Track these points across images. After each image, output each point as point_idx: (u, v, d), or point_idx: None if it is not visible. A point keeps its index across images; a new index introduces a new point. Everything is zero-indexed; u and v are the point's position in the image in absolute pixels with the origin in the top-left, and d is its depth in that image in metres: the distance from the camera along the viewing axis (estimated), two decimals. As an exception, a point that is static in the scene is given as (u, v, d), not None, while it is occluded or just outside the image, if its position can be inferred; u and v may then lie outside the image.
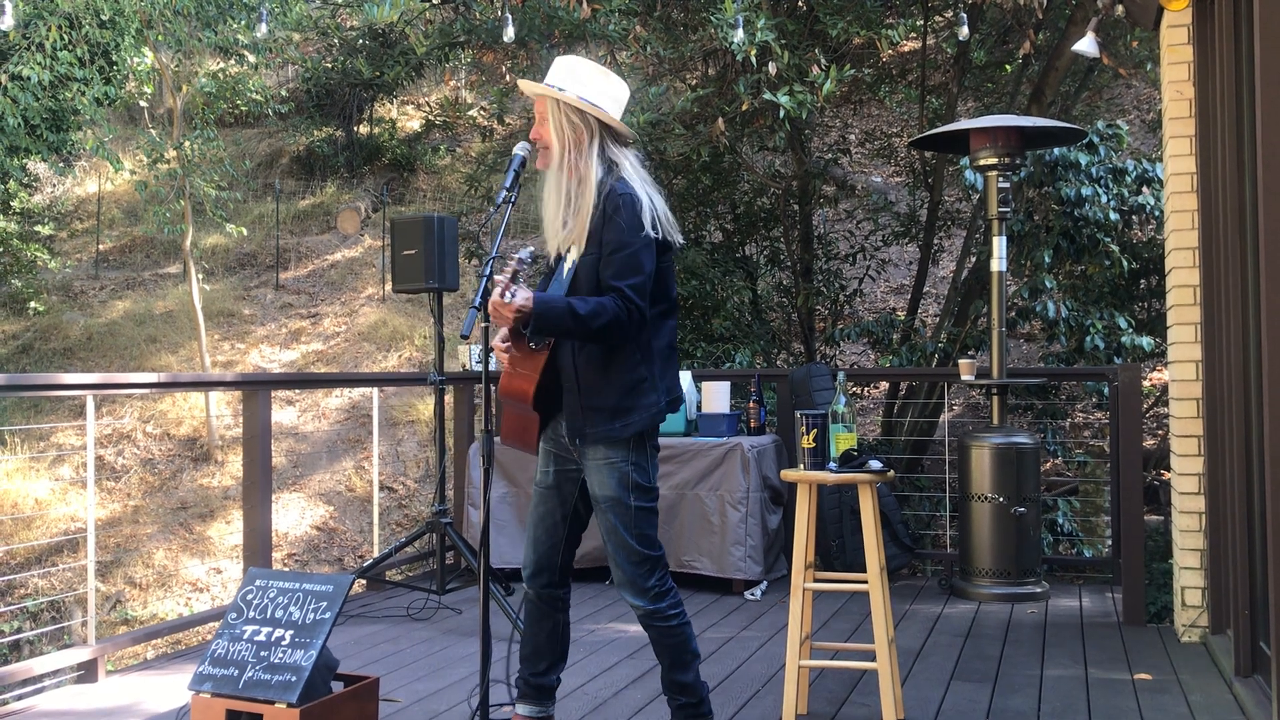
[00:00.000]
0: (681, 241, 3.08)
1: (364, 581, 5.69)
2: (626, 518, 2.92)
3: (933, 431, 8.97)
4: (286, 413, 12.46)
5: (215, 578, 10.59)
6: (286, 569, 10.53)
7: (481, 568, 2.80)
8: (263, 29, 7.03)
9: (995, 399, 5.45)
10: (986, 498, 5.27)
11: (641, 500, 2.93)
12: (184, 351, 13.57)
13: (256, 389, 4.88)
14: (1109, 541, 6.25)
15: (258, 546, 4.79)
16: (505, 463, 5.85)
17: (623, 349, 2.91)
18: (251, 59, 12.94)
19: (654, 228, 2.91)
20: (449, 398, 7.43)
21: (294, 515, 11.17)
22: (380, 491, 11.16)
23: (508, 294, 2.74)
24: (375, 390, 6.85)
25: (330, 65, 14.34)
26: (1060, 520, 7.48)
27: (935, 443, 8.96)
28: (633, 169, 3.01)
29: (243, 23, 11.48)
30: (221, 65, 13.56)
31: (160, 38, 11.45)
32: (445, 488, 5.37)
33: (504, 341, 2.97)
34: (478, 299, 2.78)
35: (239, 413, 12.00)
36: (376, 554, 5.71)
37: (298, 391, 12.71)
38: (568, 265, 2.94)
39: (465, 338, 2.79)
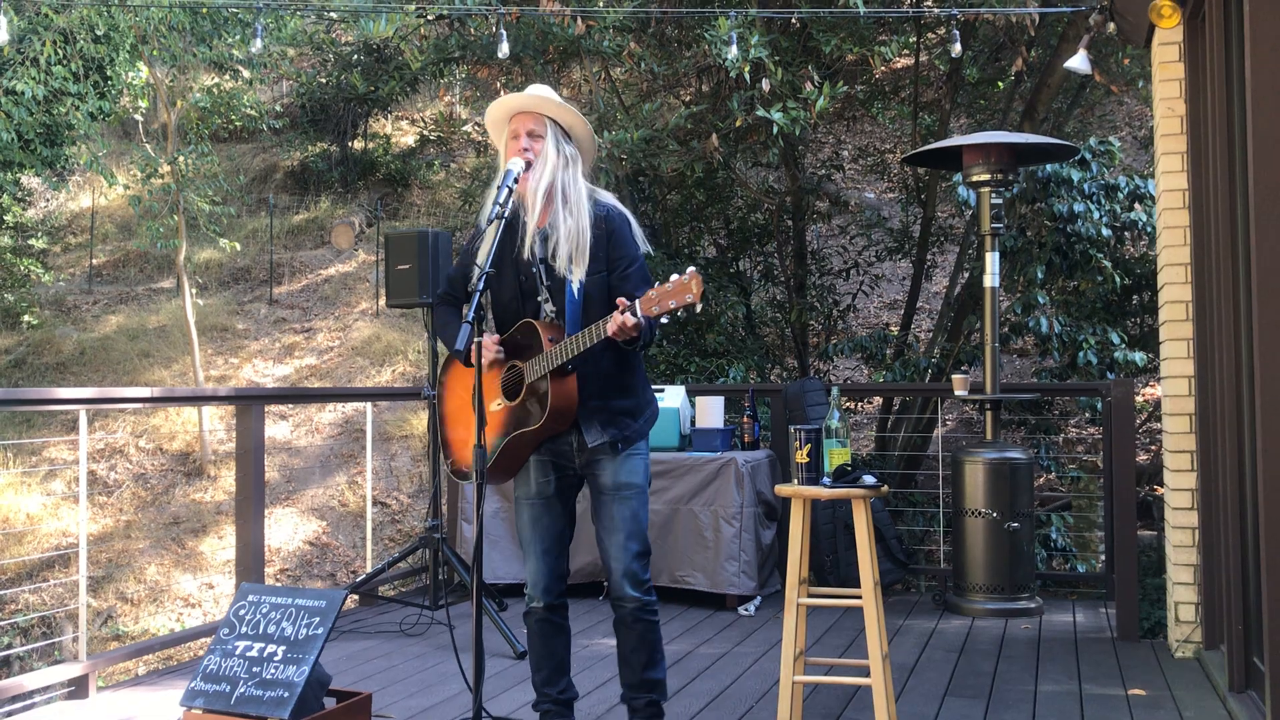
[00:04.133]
0: (651, 251, 3.18)
1: (357, 597, 5.67)
2: (645, 508, 3.06)
3: (926, 447, 8.97)
4: (280, 427, 12.44)
5: (207, 593, 10.55)
6: (279, 584, 10.49)
7: (475, 583, 2.80)
8: (257, 44, 7.03)
9: (989, 414, 5.45)
10: (980, 513, 5.27)
11: (649, 493, 3.09)
12: (177, 366, 13.54)
13: (250, 404, 4.87)
14: (1102, 557, 6.25)
15: (250, 561, 4.77)
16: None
17: (629, 355, 3.02)
18: (246, 74, 12.95)
19: (643, 242, 3.01)
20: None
21: (287, 530, 11.13)
22: (374, 507, 11.13)
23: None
24: (369, 405, 6.84)
25: (325, 80, 14.37)
26: (1054, 535, 7.48)
27: (929, 458, 8.96)
28: (604, 191, 3.13)
29: (237, 38, 11.50)
30: (216, 80, 13.57)
31: (155, 53, 11.46)
32: (439, 503, 5.36)
33: (498, 351, 3.01)
34: (470, 313, 2.78)
35: (232, 427, 11.98)
36: (370, 569, 5.69)
37: (291, 406, 12.69)
38: (575, 285, 2.96)
39: (459, 353, 2.80)
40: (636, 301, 2.76)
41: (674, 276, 2.72)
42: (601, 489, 3.05)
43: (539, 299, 3.05)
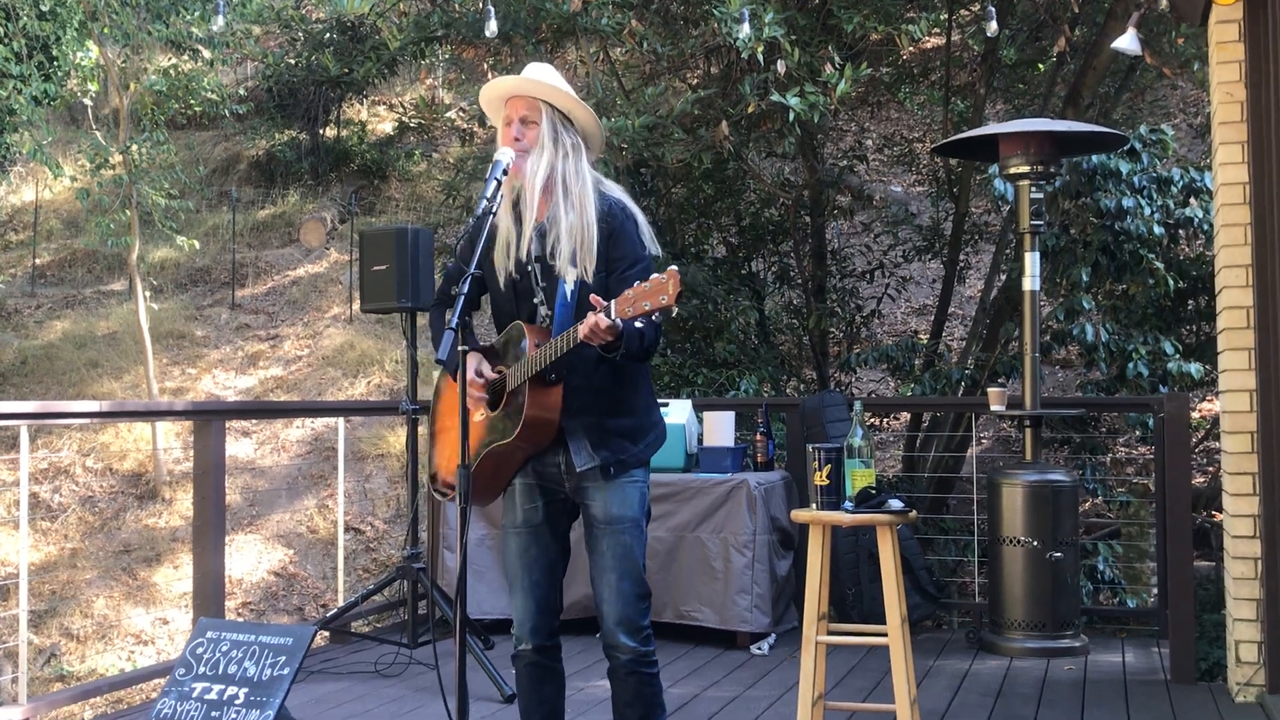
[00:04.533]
0: (659, 254, 3.14)
1: (327, 633, 5.67)
2: (641, 542, 3.01)
3: (959, 468, 8.96)
4: (242, 445, 12.44)
5: (161, 629, 10.53)
6: (241, 619, 10.48)
7: (458, 618, 2.79)
8: (219, 21, 7.07)
9: (1028, 432, 5.45)
10: (1019, 541, 5.26)
11: (647, 526, 3.01)
12: (129, 377, 13.55)
13: (209, 419, 4.87)
14: (1154, 590, 6.24)
15: (209, 594, 4.77)
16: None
17: (630, 368, 2.96)
18: (207, 54, 12.97)
19: (651, 242, 2.99)
20: (423, 429, 7.41)
21: (250, 559, 11.12)
22: (346, 533, 11.12)
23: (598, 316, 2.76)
24: (341, 420, 6.85)
25: (294, 61, 14.37)
26: (1100, 566, 7.46)
27: (962, 480, 8.95)
28: (612, 183, 3.09)
29: (197, 14, 11.52)
30: (173, 61, 13.59)
31: (106, 31, 11.49)
32: (418, 529, 5.35)
33: (479, 378, 2.99)
34: (454, 319, 2.78)
35: (189, 445, 11.96)
36: (341, 603, 5.68)
37: (255, 422, 12.69)
38: (569, 287, 2.95)
39: (441, 362, 2.80)
40: (612, 302, 2.74)
41: (654, 275, 2.72)
42: (591, 520, 3.03)
43: (534, 301, 3.05)
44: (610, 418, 3.00)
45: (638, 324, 2.73)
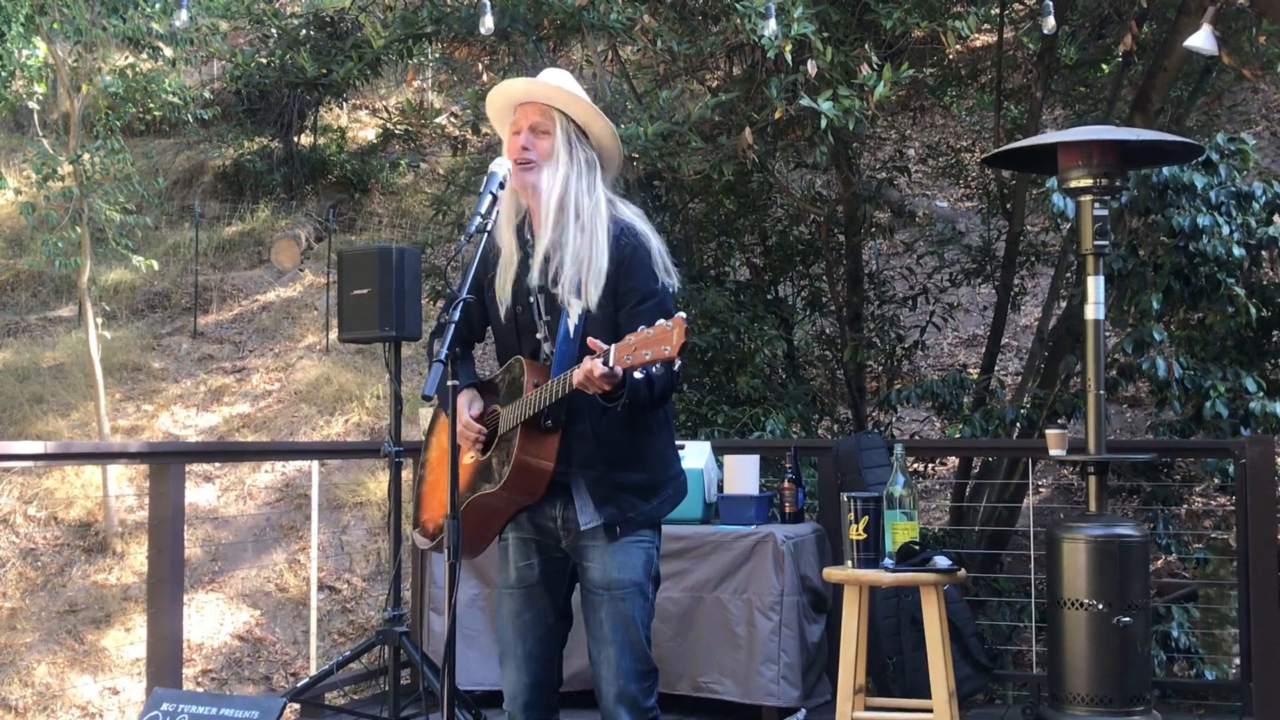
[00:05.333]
0: (676, 285, 3.11)
1: (298, 705, 5.65)
2: (645, 611, 3.00)
3: (1014, 520, 8.92)
4: (204, 491, 12.45)
5: (111, 700, 10.51)
6: (201, 689, 10.45)
7: (445, 690, 2.78)
8: (183, 15, 7.12)
9: (1092, 479, 5.42)
10: (1082, 604, 5.23)
11: (654, 593, 2.99)
12: (77, 415, 13.58)
13: (167, 462, 4.87)
14: (1236, 661, 6.19)
15: (165, 661, 4.76)
16: (478, 558, 5.82)
17: (643, 414, 2.94)
18: (168, 52, 13.06)
19: (667, 273, 2.98)
20: (407, 474, 7.41)
21: (211, 621, 11.11)
22: (320, 592, 11.11)
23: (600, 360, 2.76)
24: (315, 464, 6.84)
25: (266, 61, 14.45)
26: (1175, 633, 7.41)
27: (1018, 534, 8.91)
28: (625, 205, 3.08)
29: (158, 8, 11.61)
30: (131, 60, 13.69)
31: (56, 26, 11.58)
32: (401, 588, 5.34)
33: (475, 421, 2.99)
34: (443, 350, 2.79)
35: (144, 492, 11.97)
36: (314, 671, 5.66)
37: (218, 465, 12.70)
38: (573, 321, 2.95)
39: (429, 399, 2.81)
40: (612, 348, 2.74)
41: (659, 321, 2.71)
42: (589, 584, 3.01)
43: (537, 336, 3.05)
44: (619, 470, 2.98)
45: (640, 373, 2.72)
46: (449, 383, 2.80)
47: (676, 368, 2.74)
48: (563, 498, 3.00)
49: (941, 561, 3.32)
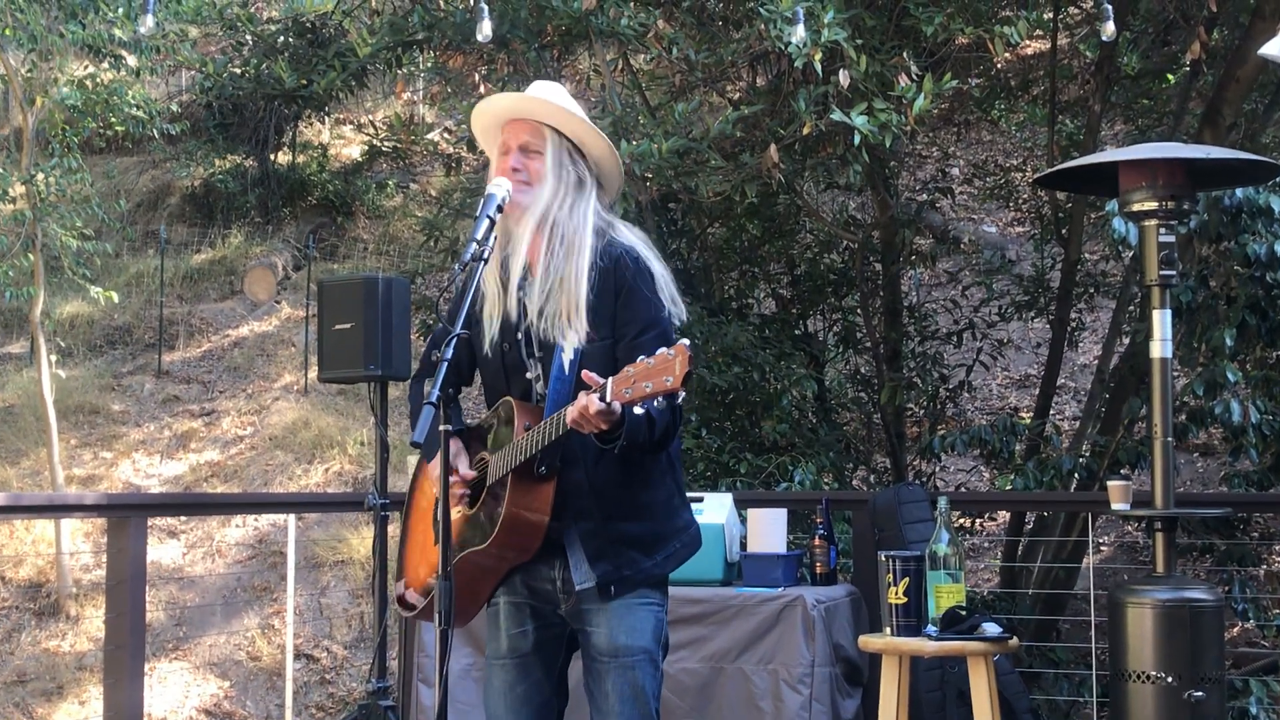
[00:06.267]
0: (683, 316, 3.11)
1: (270, 789, 5.63)
2: (656, 681, 2.99)
3: (1072, 582, 8.88)
4: (168, 548, 12.44)
5: (62, 781, 10.48)
6: (162, 769, 10.41)
7: (436, 772, 2.77)
8: (149, 21, 7.15)
9: (1159, 537, 5.39)
10: (1149, 677, 5.20)
11: (663, 661, 2.98)
12: (27, 462, 13.60)
13: (127, 515, 4.87)
14: (1324, 740, 6.14)
15: (123, 737, 4.75)
16: (472, 624, 5.81)
17: (643, 457, 2.94)
18: (132, 61, 13.14)
19: (673, 302, 2.98)
20: (393, 529, 7.40)
21: (175, 692, 11.09)
22: (296, 661, 11.08)
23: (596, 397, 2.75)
24: (292, 518, 6.86)
25: (240, 70, 14.51)
26: (1254, 709, 7.36)
27: (1076, 598, 8.87)
28: (627, 228, 3.08)
29: (120, 12, 11.68)
30: (91, 70, 13.77)
31: (8, 33, 11.66)
32: (386, 657, 5.32)
33: (465, 474, 2.98)
34: (434, 391, 2.79)
35: (102, 548, 11.95)
36: (289, 750, 5.64)
37: (184, 519, 12.70)
38: (568, 356, 2.95)
39: (418, 445, 2.81)
40: (609, 381, 2.73)
41: (660, 350, 2.70)
42: (593, 651, 3.00)
43: (527, 376, 3.06)
44: (620, 522, 2.98)
45: (640, 408, 2.71)
46: (441, 427, 2.79)
47: (679, 401, 2.71)
48: (560, 556, 2.99)
49: (991, 629, 3.31)
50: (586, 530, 2.95)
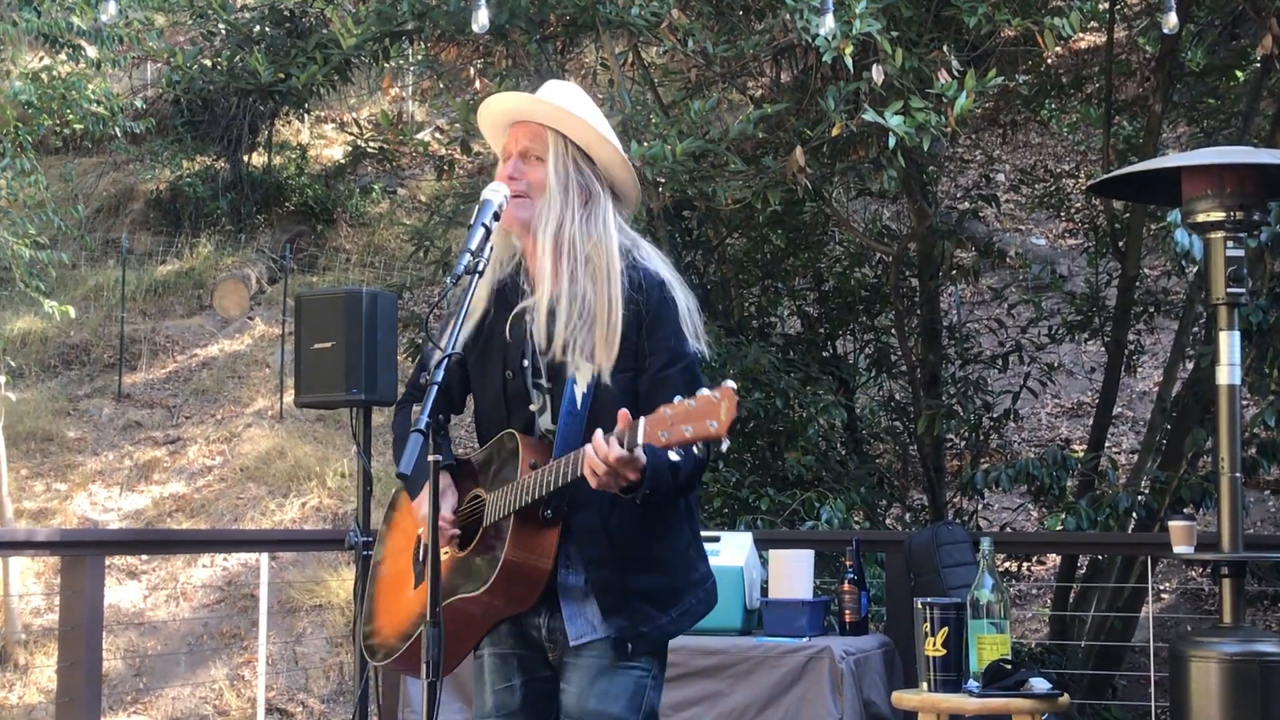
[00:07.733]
0: (706, 353, 3.09)
1: None
2: None
3: (1130, 633, 8.86)
4: (128, 590, 12.45)
5: None
6: (119, 836, 10.39)
7: (422, 840, 2.77)
8: (110, 8, 7.18)
9: (1226, 583, 5.38)
10: (1215, 739, 5.18)
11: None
12: (-26, 494, 13.61)
13: (83, 553, 4.87)
14: None
15: (75, 800, 4.74)
16: (461, 674, 5.79)
17: (663, 503, 2.94)
18: (92, 53, 13.18)
19: (696, 336, 2.97)
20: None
21: (133, 751, 11.08)
22: (268, 716, 11.07)
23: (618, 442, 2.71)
24: (264, 558, 6.85)
25: (211, 63, 14.56)
26: (1332, 775, 7.34)
27: (1134, 651, 8.85)
28: (651, 249, 3.07)
29: (79, 0, 11.72)
30: (46, 62, 13.83)
31: (-44, 21, 11.70)
32: (367, 711, 5.32)
33: (445, 518, 2.98)
34: (424, 417, 2.78)
35: (54, 590, 11.96)
36: (259, 814, 5.64)
37: (145, 558, 12.70)
38: (581, 390, 2.93)
39: (405, 477, 2.80)
40: (641, 421, 2.69)
41: (702, 391, 2.67)
42: (561, 710, 2.99)
43: (531, 408, 3.05)
44: (632, 574, 2.96)
45: (673, 453, 2.68)
46: (430, 457, 2.78)
47: (724, 449, 2.68)
48: (549, 603, 2.98)
49: (1039, 684, 3.29)
50: (603, 581, 2.92)
